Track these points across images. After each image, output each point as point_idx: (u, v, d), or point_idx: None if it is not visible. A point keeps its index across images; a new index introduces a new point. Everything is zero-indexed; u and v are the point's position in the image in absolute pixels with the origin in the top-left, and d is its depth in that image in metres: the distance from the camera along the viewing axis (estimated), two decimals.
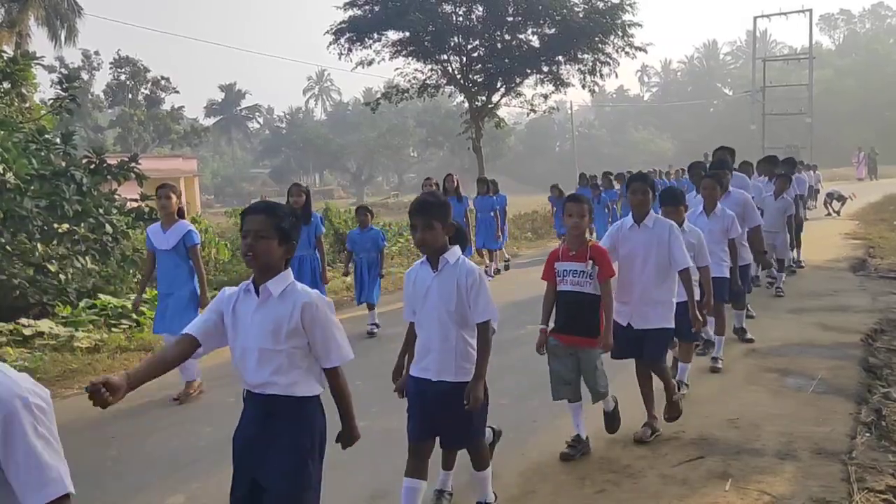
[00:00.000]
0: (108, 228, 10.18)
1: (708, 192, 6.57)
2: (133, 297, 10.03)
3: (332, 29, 23.37)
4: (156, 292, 7.07)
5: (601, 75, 24.14)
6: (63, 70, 48.06)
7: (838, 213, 21.39)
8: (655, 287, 4.86)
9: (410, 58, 24.17)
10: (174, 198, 6.49)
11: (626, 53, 23.44)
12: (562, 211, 4.94)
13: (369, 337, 8.72)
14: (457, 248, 3.58)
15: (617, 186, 17.23)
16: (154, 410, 6.26)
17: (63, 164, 10.24)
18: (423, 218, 3.44)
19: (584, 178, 17.36)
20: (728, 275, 6.59)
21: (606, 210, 15.58)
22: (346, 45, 23.41)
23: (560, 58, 23.85)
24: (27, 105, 14.34)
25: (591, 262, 4.42)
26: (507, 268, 14.09)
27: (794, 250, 11.47)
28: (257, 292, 2.82)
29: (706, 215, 6.51)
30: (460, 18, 23.62)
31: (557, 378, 4.65)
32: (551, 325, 4.67)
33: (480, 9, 23.50)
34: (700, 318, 5.09)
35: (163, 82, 58.99)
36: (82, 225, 9.98)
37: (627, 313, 4.89)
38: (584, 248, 4.46)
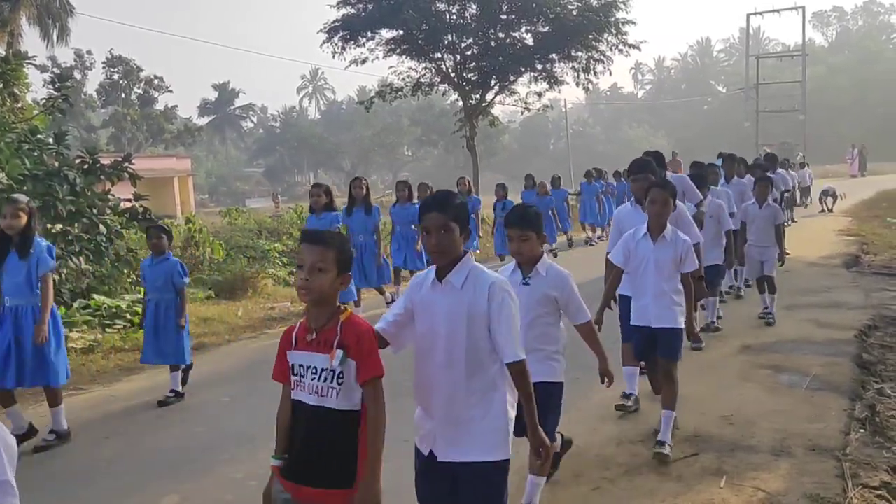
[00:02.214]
0: (102, 229, 10.15)
1: (656, 210, 4.74)
2: (127, 297, 10.05)
3: (325, 27, 23.31)
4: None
5: (595, 73, 24.14)
6: (55, 70, 47.86)
7: (831, 209, 21.51)
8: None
9: (404, 56, 24.13)
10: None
11: (620, 51, 23.45)
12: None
13: None
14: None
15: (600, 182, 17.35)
16: (147, 411, 6.25)
17: (56, 164, 10.20)
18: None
19: (531, 180, 15.99)
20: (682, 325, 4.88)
21: (551, 213, 14.49)
22: (340, 44, 23.35)
23: (554, 56, 23.83)
24: (19, 105, 14.26)
25: (339, 352, 2.54)
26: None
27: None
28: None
29: (651, 239, 4.78)
30: (454, 16, 23.59)
31: None
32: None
33: (474, 7, 23.47)
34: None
35: (156, 81, 58.80)
36: (76, 225, 9.94)
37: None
38: (333, 325, 2.60)
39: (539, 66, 24.19)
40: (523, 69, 24.24)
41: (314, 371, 2.62)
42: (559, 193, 15.91)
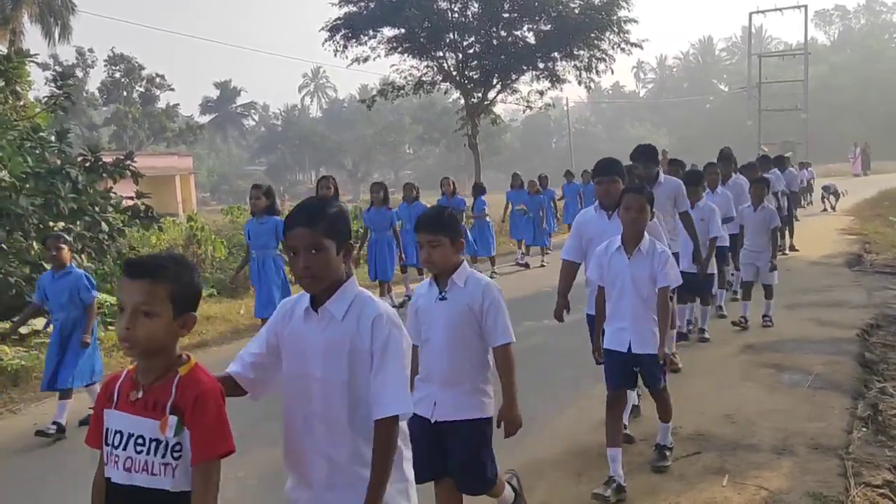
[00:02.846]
0: (104, 227, 10.16)
1: (631, 217, 4.19)
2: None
3: (327, 26, 23.31)
4: None
5: (597, 71, 24.13)
6: (57, 68, 47.94)
7: (833, 208, 21.47)
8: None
9: (406, 54, 24.11)
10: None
11: (622, 49, 23.43)
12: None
13: None
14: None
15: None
16: None
17: (58, 162, 10.21)
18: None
19: (518, 179, 15.22)
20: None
21: (541, 213, 14.33)
22: (342, 42, 23.34)
23: (556, 54, 23.81)
24: (21, 103, 14.28)
25: (173, 418, 1.98)
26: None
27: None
28: None
29: (626, 253, 4.24)
30: (456, 15, 23.57)
31: None
32: None
33: (476, 5, 23.45)
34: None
35: (158, 80, 58.81)
36: (78, 223, 9.96)
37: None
38: (167, 381, 2.03)
39: (541, 65, 24.17)
40: (525, 67, 24.22)
41: (140, 441, 1.98)
42: (546, 193, 15.42)
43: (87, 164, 10.36)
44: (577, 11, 22.62)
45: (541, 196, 14.78)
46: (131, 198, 10.75)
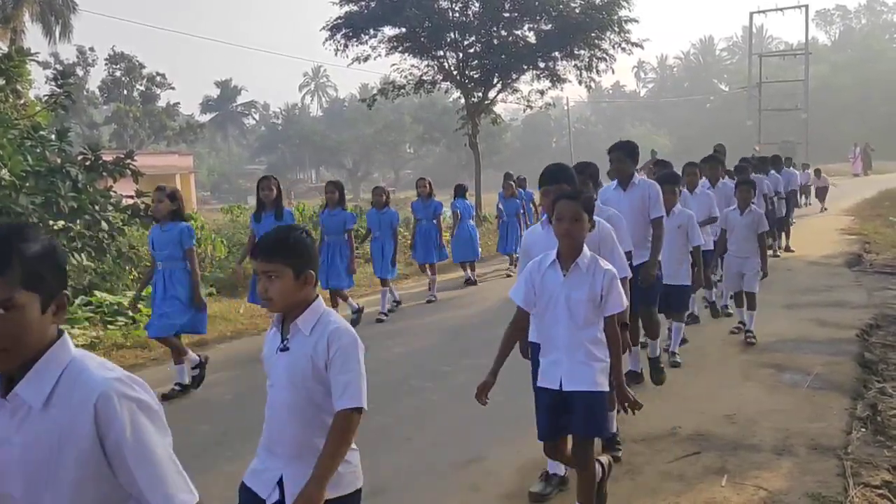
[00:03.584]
0: (104, 225, 10.16)
1: (563, 229, 3.50)
2: (129, 294, 10.07)
3: (328, 25, 23.30)
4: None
5: (597, 71, 24.10)
6: (58, 66, 47.92)
7: (824, 205, 21.67)
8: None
9: (407, 54, 24.10)
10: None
11: (623, 49, 23.41)
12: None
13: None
14: None
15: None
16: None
17: (58, 160, 10.21)
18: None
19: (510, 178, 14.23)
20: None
21: (517, 218, 13.21)
22: (342, 41, 23.33)
23: (556, 54, 23.79)
24: (22, 101, 14.29)
25: None
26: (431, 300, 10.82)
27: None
28: None
29: (561, 270, 3.55)
30: (456, 14, 23.55)
31: None
32: None
33: (477, 4, 23.43)
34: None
35: (158, 78, 58.75)
36: (78, 222, 9.95)
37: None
38: None
39: (541, 64, 24.15)
40: (526, 67, 24.21)
41: None
42: (525, 195, 14.25)
43: (88, 163, 10.36)
44: (577, 11, 22.60)
45: (517, 200, 13.45)
46: (131, 196, 10.75)
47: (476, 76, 24.41)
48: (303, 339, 2.48)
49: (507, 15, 23.37)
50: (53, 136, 10.67)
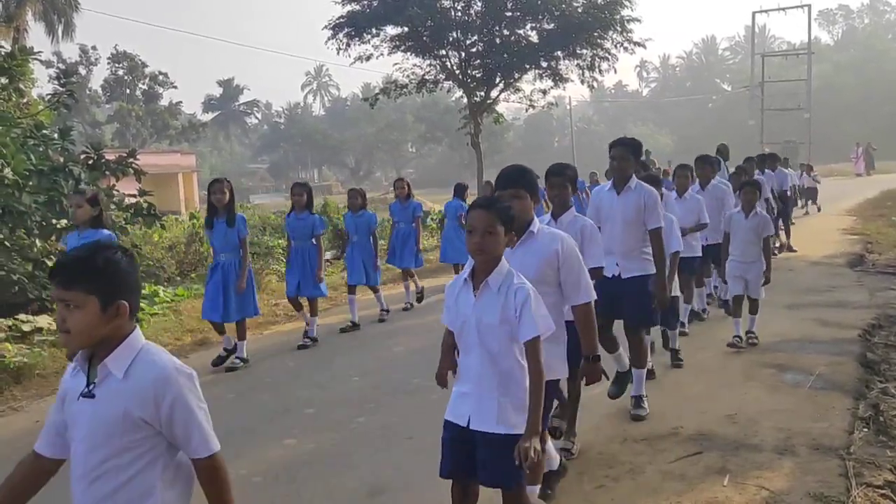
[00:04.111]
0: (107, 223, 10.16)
1: (474, 244, 3.00)
2: None
3: (330, 24, 23.31)
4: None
5: (600, 71, 24.08)
6: (60, 65, 48.08)
7: (819, 207, 21.37)
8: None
9: (409, 53, 24.09)
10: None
11: (625, 49, 23.37)
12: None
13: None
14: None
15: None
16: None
17: (61, 159, 10.22)
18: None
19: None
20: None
21: None
22: (345, 41, 23.33)
23: (559, 53, 23.77)
24: (25, 100, 14.29)
25: None
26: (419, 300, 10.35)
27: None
28: None
29: (472, 291, 3.06)
30: (459, 13, 23.54)
31: None
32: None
33: (479, 4, 23.43)
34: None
35: (161, 77, 58.87)
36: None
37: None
38: None
39: (544, 64, 24.13)
40: (528, 66, 24.19)
41: None
42: None
43: (90, 162, 10.37)
44: (580, 10, 22.58)
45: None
46: (134, 195, 10.76)
47: (478, 75, 24.40)
48: (116, 386, 2.05)
49: (509, 14, 23.36)
50: (56, 135, 10.69)
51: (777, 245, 12.96)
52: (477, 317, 2.98)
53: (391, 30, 23.38)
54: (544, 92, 25.52)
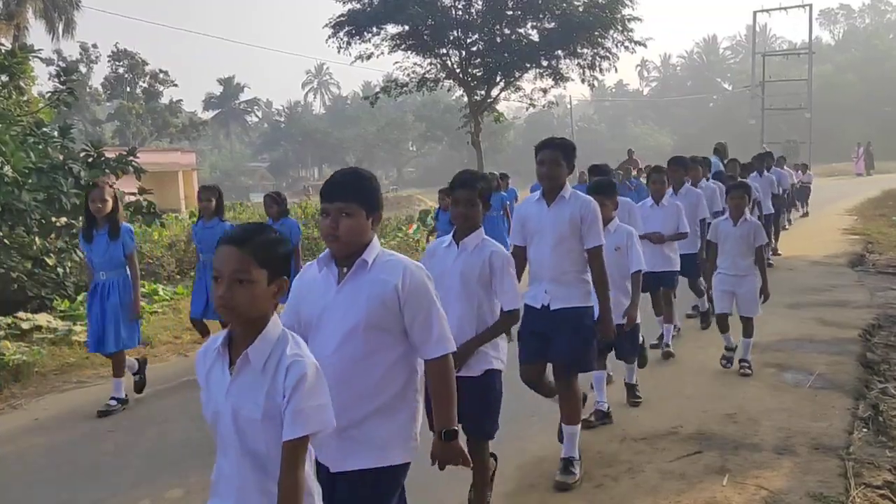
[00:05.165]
0: None
1: (220, 302, 2.15)
2: None
3: (331, 22, 23.32)
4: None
5: (600, 70, 24.11)
6: (61, 63, 47.97)
7: (806, 211, 20.72)
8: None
9: (409, 51, 24.12)
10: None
11: (626, 48, 23.41)
12: None
13: None
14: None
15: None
16: (152, 404, 6.26)
17: (61, 157, 10.21)
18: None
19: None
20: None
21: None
22: (345, 39, 23.35)
23: (559, 52, 23.79)
24: (25, 98, 14.29)
25: None
26: None
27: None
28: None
29: (228, 367, 2.40)
30: (460, 12, 23.55)
31: None
32: None
33: (480, 3, 23.46)
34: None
35: (161, 75, 58.79)
36: (80, 219, 9.95)
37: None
38: None
39: (544, 63, 24.15)
40: (529, 65, 24.21)
41: None
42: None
43: (90, 160, 10.36)
44: (581, 9, 22.61)
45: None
46: (134, 193, 10.76)
47: (479, 74, 24.41)
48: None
49: (510, 13, 23.38)
50: (56, 133, 10.68)
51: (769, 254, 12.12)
52: (234, 406, 2.09)
53: (392, 28, 23.41)
54: (545, 91, 25.56)
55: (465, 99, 25.71)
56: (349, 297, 2.55)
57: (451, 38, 23.64)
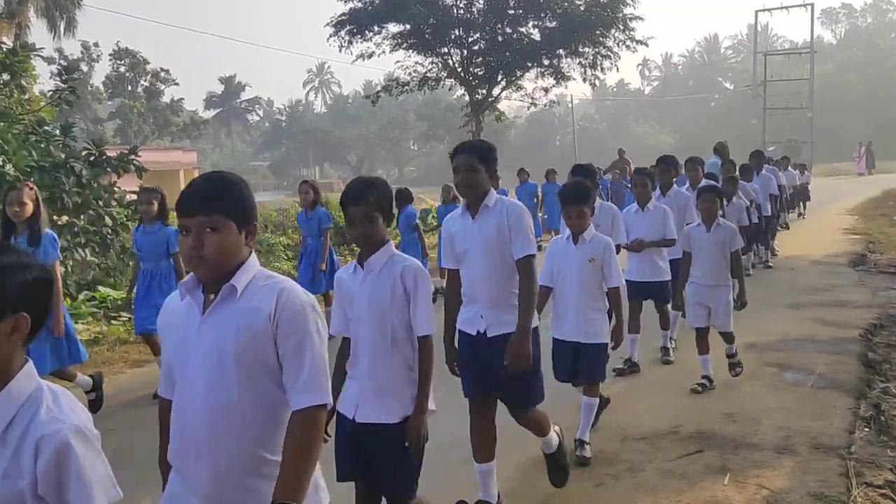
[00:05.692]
0: (108, 221, 10.19)
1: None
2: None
3: (332, 21, 23.32)
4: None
5: (602, 69, 24.07)
6: (62, 62, 47.92)
7: (802, 213, 20.32)
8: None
9: (411, 50, 24.10)
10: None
11: (627, 47, 23.38)
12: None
13: None
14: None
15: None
16: (152, 403, 6.26)
17: (62, 155, 10.23)
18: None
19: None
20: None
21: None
22: (347, 38, 23.33)
23: (561, 51, 23.77)
24: (27, 97, 14.31)
25: None
26: None
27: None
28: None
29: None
30: (461, 11, 23.54)
31: None
32: None
33: (481, 1, 23.44)
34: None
35: (162, 74, 58.80)
36: (82, 217, 9.98)
37: None
38: None
39: (546, 62, 24.13)
40: (530, 64, 24.18)
41: None
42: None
43: (92, 159, 10.38)
44: (582, 9, 22.58)
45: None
46: (135, 192, 10.77)
47: (480, 73, 24.39)
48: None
49: (511, 12, 23.35)
50: (58, 132, 10.70)
51: (764, 259, 11.88)
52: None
53: (393, 27, 23.39)
54: (546, 90, 25.53)
55: (467, 98, 25.69)
56: (214, 331, 2.06)
57: (453, 37, 23.62)
